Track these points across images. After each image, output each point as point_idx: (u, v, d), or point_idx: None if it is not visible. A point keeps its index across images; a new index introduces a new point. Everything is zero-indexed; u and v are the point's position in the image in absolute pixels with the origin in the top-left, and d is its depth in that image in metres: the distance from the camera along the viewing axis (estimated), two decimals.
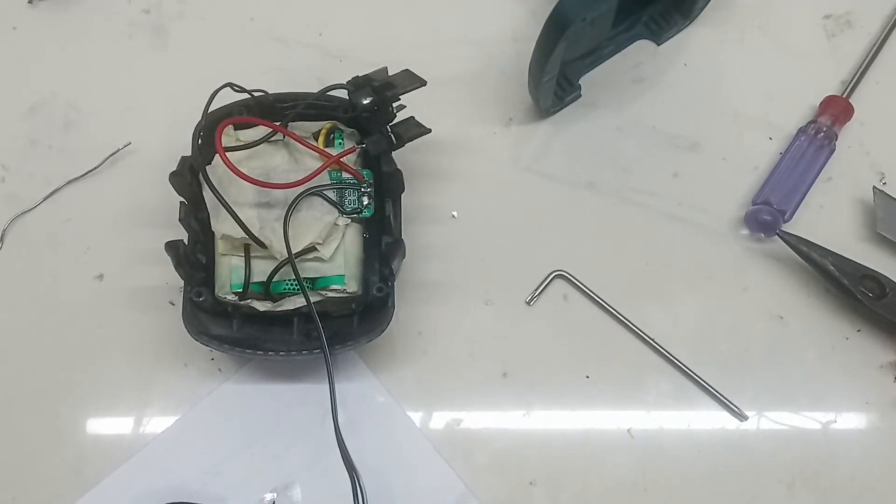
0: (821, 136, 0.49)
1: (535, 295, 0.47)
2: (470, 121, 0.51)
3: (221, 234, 0.41)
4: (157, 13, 0.54)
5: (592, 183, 0.50)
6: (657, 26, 0.53)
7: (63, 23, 0.53)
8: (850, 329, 0.47)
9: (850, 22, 0.53)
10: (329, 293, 0.42)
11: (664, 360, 0.46)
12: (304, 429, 0.44)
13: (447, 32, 0.53)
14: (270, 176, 0.42)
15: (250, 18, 0.54)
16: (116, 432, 0.45)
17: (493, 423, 0.45)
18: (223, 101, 0.43)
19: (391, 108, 0.43)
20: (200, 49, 0.53)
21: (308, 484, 0.44)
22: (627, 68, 0.52)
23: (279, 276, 0.41)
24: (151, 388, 0.45)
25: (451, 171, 0.50)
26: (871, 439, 0.45)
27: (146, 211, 0.48)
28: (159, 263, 0.43)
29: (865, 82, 0.51)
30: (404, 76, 0.44)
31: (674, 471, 0.44)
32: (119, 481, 0.44)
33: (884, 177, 0.50)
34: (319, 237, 0.41)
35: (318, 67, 0.52)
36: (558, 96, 0.50)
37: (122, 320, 0.46)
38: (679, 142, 0.51)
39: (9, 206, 0.49)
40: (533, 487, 0.44)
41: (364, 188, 0.43)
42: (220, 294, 0.42)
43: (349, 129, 0.45)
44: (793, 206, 0.48)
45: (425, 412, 0.45)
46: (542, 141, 0.51)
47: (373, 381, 0.45)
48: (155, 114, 0.50)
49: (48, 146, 0.50)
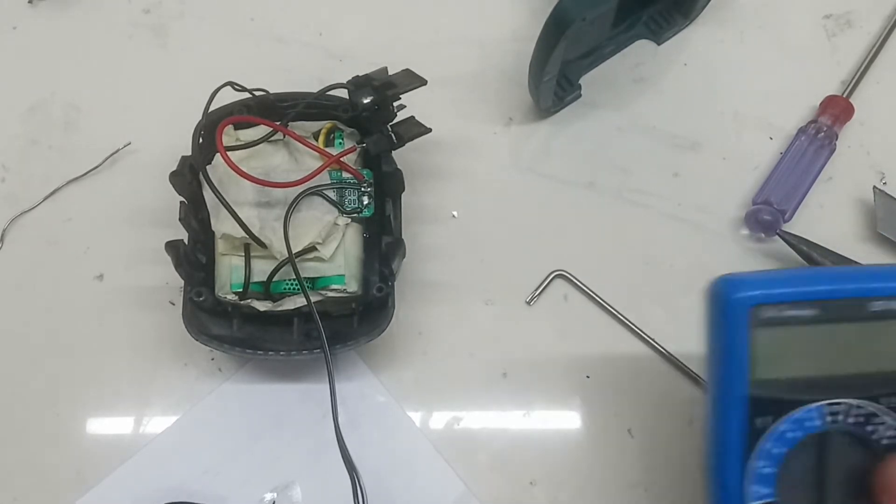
0: (821, 135, 0.49)
1: (535, 295, 0.47)
2: (470, 121, 0.51)
3: (221, 233, 0.41)
4: (157, 13, 0.54)
5: (592, 183, 0.50)
6: (657, 26, 0.53)
7: (63, 23, 0.53)
8: None
9: (850, 22, 0.53)
10: (329, 293, 0.42)
11: (664, 360, 0.46)
12: (304, 429, 0.44)
13: (447, 32, 0.53)
14: (270, 175, 0.42)
15: (250, 18, 0.54)
16: (116, 432, 0.45)
17: (493, 423, 0.45)
18: (223, 100, 0.43)
19: (391, 107, 0.43)
20: (200, 49, 0.53)
21: (308, 484, 0.44)
22: (627, 68, 0.52)
23: (279, 275, 0.41)
24: (151, 388, 0.45)
25: (451, 171, 0.50)
26: None
27: (146, 211, 0.48)
28: (159, 263, 0.43)
29: (865, 82, 0.51)
30: (404, 76, 0.44)
31: (674, 471, 0.44)
32: (119, 481, 0.44)
33: (884, 177, 0.50)
34: (319, 237, 0.41)
35: (318, 67, 0.52)
36: (558, 96, 0.50)
37: (122, 320, 0.46)
38: (679, 142, 0.51)
39: (9, 206, 0.49)
40: (533, 487, 0.44)
41: (364, 188, 0.43)
42: (220, 294, 0.42)
43: (349, 129, 0.45)
44: (793, 206, 0.48)
45: (425, 412, 0.45)
46: (542, 141, 0.51)
47: (373, 380, 0.45)
48: (155, 114, 0.50)
49: (48, 146, 0.50)
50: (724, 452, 0.32)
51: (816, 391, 0.31)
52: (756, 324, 0.31)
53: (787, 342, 0.31)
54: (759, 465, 0.31)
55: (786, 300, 0.31)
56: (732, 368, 0.31)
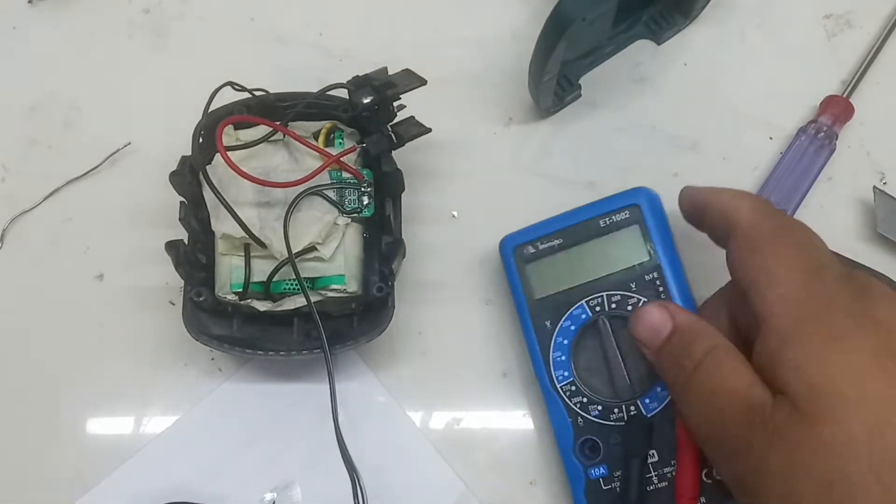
0: (821, 135, 0.49)
1: None
2: (470, 121, 0.51)
3: (221, 233, 0.41)
4: (157, 13, 0.54)
5: (592, 183, 0.50)
6: (657, 26, 0.53)
7: (63, 23, 0.53)
8: None
9: (850, 22, 0.53)
10: (329, 293, 0.42)
11: None
12: (304, 429, 0.44)
13: (447, 32, 0.53)
14: (270, 175, 0.42)
15: (250, 18, 0.54)
16: (116, 432, 0.45)
17: (493, 423, 0.45)
18: (223, 100, 0.43)
19: (391, 107, 0.43)
20: (200, 49, 0.53)
21: (308, 484, 0.44)
22: (627, 68, 0.52)
23: (279, 275, 0.41)
24: (151, 388, 0.45)
25: (451, 171, 0.50)
26: None
27: (146, 211, 0.48)
28: (159, 263, 0.43)
29: (865, 82, 0.51)
30: (404, 76, 0.44)
31: None
32: (119, 481, 0.44)
33: (884, 177, 0.50)
34: (319, 237, 0.41)
35: (318, 67, 0.52)
36: (558, 96, 0.50)
37: (122, 320, 0.46)
38: (679, 142, 0.51)
39: (9, 206, 0.49)
40: (533, 487, 0.44)
41: (364, 188, 0.43)
42: (220, 294, 0.42)
43: (349, 129, 0.45)
44: (793, 206, 0.48)
45: (425, 412, 0.45)
46: (542, 141, 0.51)
47: (373, 380, 0.45)
48: (155, 114, 0.50)
49: (48, 146, 0.50)
50: (532, 352, 0.43)
51: (579, 294, 0.42)
52: (521, 259, 0.43)
53: (549, 266, 0.43)
54: (556, 355, 0.42)
55: (536, 237, 0.43)
56: (518, 293, 0.43)
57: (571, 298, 0.42)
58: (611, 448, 0.40)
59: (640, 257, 0.42)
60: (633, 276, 0.42)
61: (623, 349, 0.41)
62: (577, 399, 0.41)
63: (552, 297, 0.42)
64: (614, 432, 0.41)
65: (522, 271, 0.43)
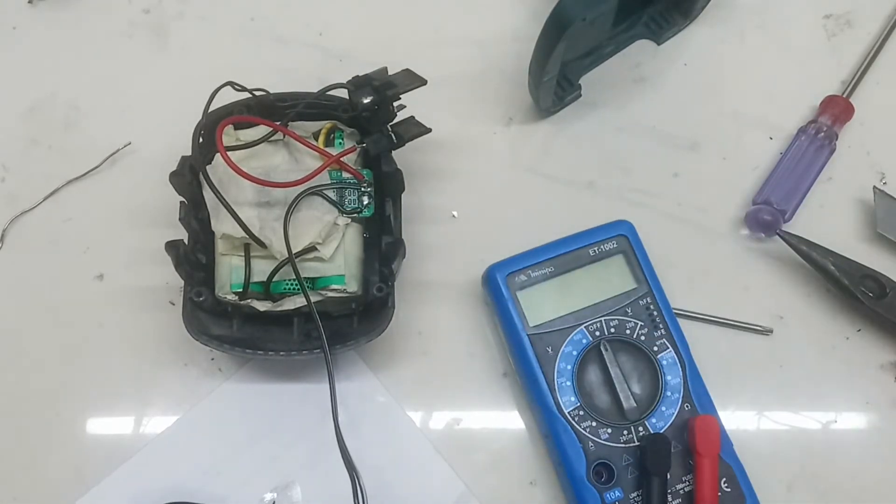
0: (821, 135, 0.49)
1: None
2: (470, 121, 0.51)
3: (221, 233, 0.41)
4: (157, 13, 0.54)
5: (592, 183, 0.50)
6: (657, 26, 0.53)
7: (63, 23, 0.53)
8: (851, 329, 0.47)
9: (850, 22, 0.53)
10: (329, 293, 0.42)
11: None
12: (304, 429, 0.44)
13: (447, 32, 0.53)
14: (270, 175, 0.42)
15: (250, 18, 0.54)
16: (116, 432, 0.45)
17: (493, 423, 0.45)
18: (223, 100, 0.43)
19: (391, 107, 0.43)
20: (200, 49, 0.53)
21: (308, 484, 0.44)
22: (627, 68, 0.52)
23: (279, 275, 0.41)
24: (151, 388, 0.45)
25: (451, 171, 0.50)
26: (871, 439, 0.45)
27: (146, 211, 0.48)
28: (159, 263, 0.43)
29: (865, 82, 0.51)
30: (404, 76, 0.44)
31: None
32: (119, 481, 0.44)
33: (884, 177, 0.50)
34: (319, 237, 0.41)
35: (318, 67, 0.52)
36: (558, 96, 0.50)
37: (122, 320, 0.46)
38: (679, 142, 0.51)
39: (9, 206, 0.49)
40: (533, 487, 0.44)
41: (364, 188, 0.43)
42: (220, 294, 0.42)
43: (349, 129, 0.45)
44: (793, 206, 0.48)
45: (425, 412, 0.45)
46: (542, 141, 0.51)
47: (373, 381, 0.45)
48: (155, 114, 0.50)
49: (48, 146, 0.50)
50: (534, 380, 0.42)
51: (576, 319, 0.43)
52: (515, 287, 0.43)
53: (543, 294, 0.44)
54: (561, 381, 0.42)
55: (527, 265, 0.44)
56: (513, 320, 0.43)
57: (570, 324, 0.43)
58: (623, 470, 0.41)
59: (630, 284, 0.44)
60: (627, 301, 0.44)
61: (625, 371, 0.42)
62: (586, 423, 0.42)
63: (550, 323, 0.43)
64: (626, 454, 0.41)
65: (517, 299, 0.43)
